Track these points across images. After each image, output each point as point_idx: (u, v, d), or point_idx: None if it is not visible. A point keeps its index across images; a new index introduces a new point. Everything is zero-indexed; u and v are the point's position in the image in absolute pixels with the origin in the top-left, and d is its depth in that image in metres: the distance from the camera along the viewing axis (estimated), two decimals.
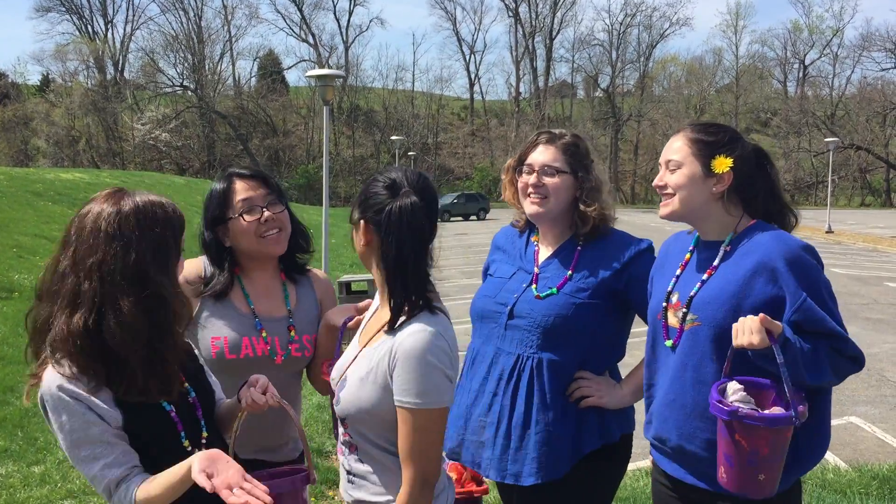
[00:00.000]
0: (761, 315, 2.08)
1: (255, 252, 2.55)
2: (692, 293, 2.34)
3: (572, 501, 2.60)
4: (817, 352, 2.13)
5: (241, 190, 2.52)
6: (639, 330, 2.70)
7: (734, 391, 2.13)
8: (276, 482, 1.94)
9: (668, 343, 2.38)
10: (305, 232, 2.69)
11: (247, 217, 2.49)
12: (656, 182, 2.42)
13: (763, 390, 2.16)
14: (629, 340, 2.80)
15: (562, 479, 2.56)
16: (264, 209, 2.51)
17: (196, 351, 2.23)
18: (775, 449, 2.07)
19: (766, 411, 2.10)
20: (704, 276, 2.34)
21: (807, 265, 2.20)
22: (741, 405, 2.08)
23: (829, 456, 6.04)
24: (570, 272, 2.63)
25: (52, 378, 1.86)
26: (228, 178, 2.56)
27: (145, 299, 1.86)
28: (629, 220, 35.86)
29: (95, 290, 1.84)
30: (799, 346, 2.12)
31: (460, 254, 22.78)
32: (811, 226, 32.69)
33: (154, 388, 1.90)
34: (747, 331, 2.09)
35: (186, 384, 2.05)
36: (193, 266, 2.56)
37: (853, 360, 2.20)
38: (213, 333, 2.49)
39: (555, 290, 2.61)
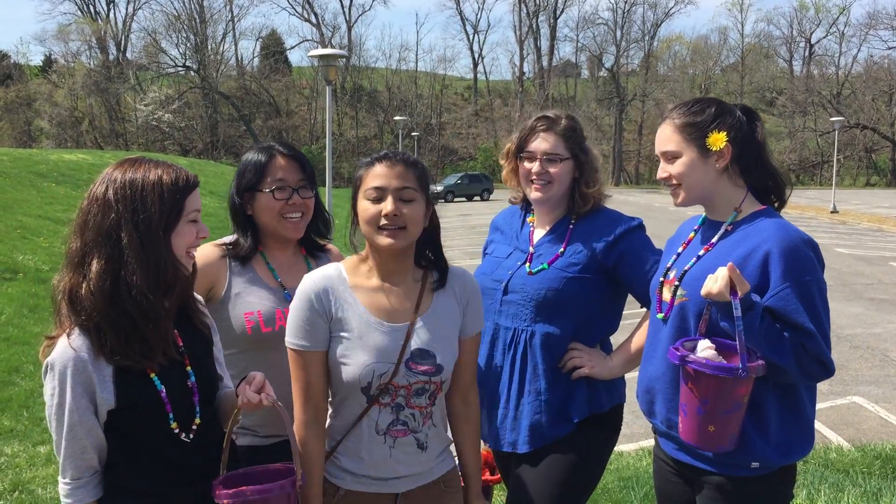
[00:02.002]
0: (730, 264, 2.09)
1: (273, 230, 2.61)
2: (686, 267, 2.36)
3: (565, 467, 2.67)
4: (782, 334, 2.12)
5: (280, 168, 2.59)
6: (630, 311, 2.72)
7: (704, 348, 2.15)
8: (265, 487, 1.93)
9: (660, 316, 2.40)
10: (327, 218, 2.76)
11: (277, 195, 2.56)
12: (659, 175, 2.42)
13: (736, 354, 2.14)
14: (622, 322, 2.84)
15: (554, 445, 2.66)
16: (295, 191, 2.58)
17: (215, 338, 2.22)
18: (724, 400, 2.09)
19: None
20: (701, 252, 2.36)
21: (802, 257, 2.17)
22: (701, 357, 2.10)
23: (832, 435, 6.06)
24: (562, 249, 2.71)
25: (65, 352, 1.89)
26: (270, 152, 2.61)
27: (116, 262, 1.89)
28: (633, 201, 35.78)
29: (80, 251, 1.93)
30: (765, 317, 2.11)
31: (464, 234, 22.78)
32: (816, 205, 32.60)
33: (132, 350, 1.91)
34: (711, 279, 2.11)
35: (189, 367, 2.04)
36: (210, 251, 2.59)
37: (820, 364, 2.16)
38: (245, 309, 2.52)
39: (545, 265, 2.70)
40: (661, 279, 2.44)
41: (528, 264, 2.74)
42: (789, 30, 74.88)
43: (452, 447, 2.40)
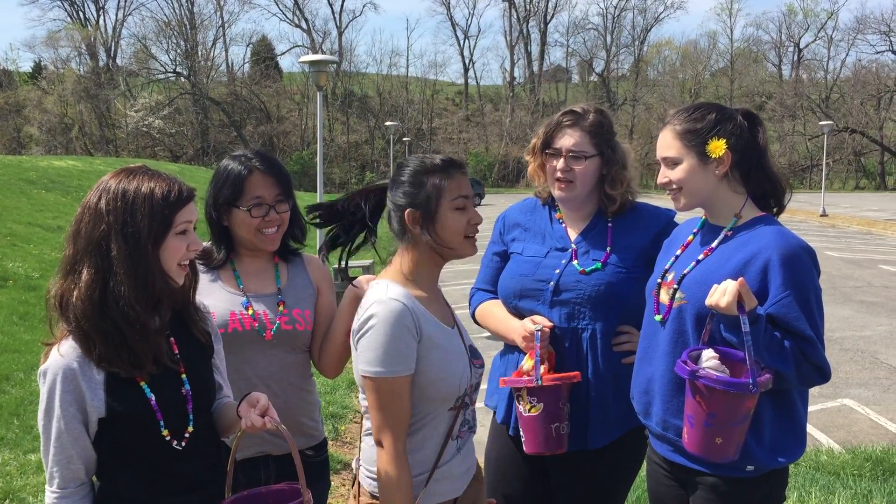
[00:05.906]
0: (740, 279, 2.10)
1: (249, 243, 2.61)
2: (685, 271, 2.37)
3: (609, 468, 2.70)
4: (783, 343, 2.15)
5: (258, 186, 2.55)
6: None
7: (708, 358, 2.17)
8: None
9: (658, 318, 2.41)
10: (303, 225, 2.74)
11: (254, 212, 2.54)
12: (659, 181, 2.43)
13: (738, 362, 2.18)
14: None
15: (619, 441, 2.66)
16: (272, 208, 2.56)
17: (217, 346, 2.21)
18: (733, 414, 2.11)
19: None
20: (700, 257, 2.37)
21: (801, 265, 2.20)
22: (712, 372, 2.11)
23: (823, 438, 6.08)
24: (608, 248, 2.68)
25: (56, 361, 1.90)
26: (249, 168, 2.56)
27: (105, 272, 1.91)
28: None
29: (72, 259, 1.94)
30: (767, 328, 2.14)
31: None
32: (806, 209, 32.73)
33: (120, 359, 1.92)
34: (720, 292, 2.12)
35: (184, 375, 2.04)
36: None
37: (818, 370, 2.20)
38: None
39: (599, 265, 2.66)
40: (659, 281, 2.45)
41: (575, 262, 2.69)
42: (778, 34, 75.23)
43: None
